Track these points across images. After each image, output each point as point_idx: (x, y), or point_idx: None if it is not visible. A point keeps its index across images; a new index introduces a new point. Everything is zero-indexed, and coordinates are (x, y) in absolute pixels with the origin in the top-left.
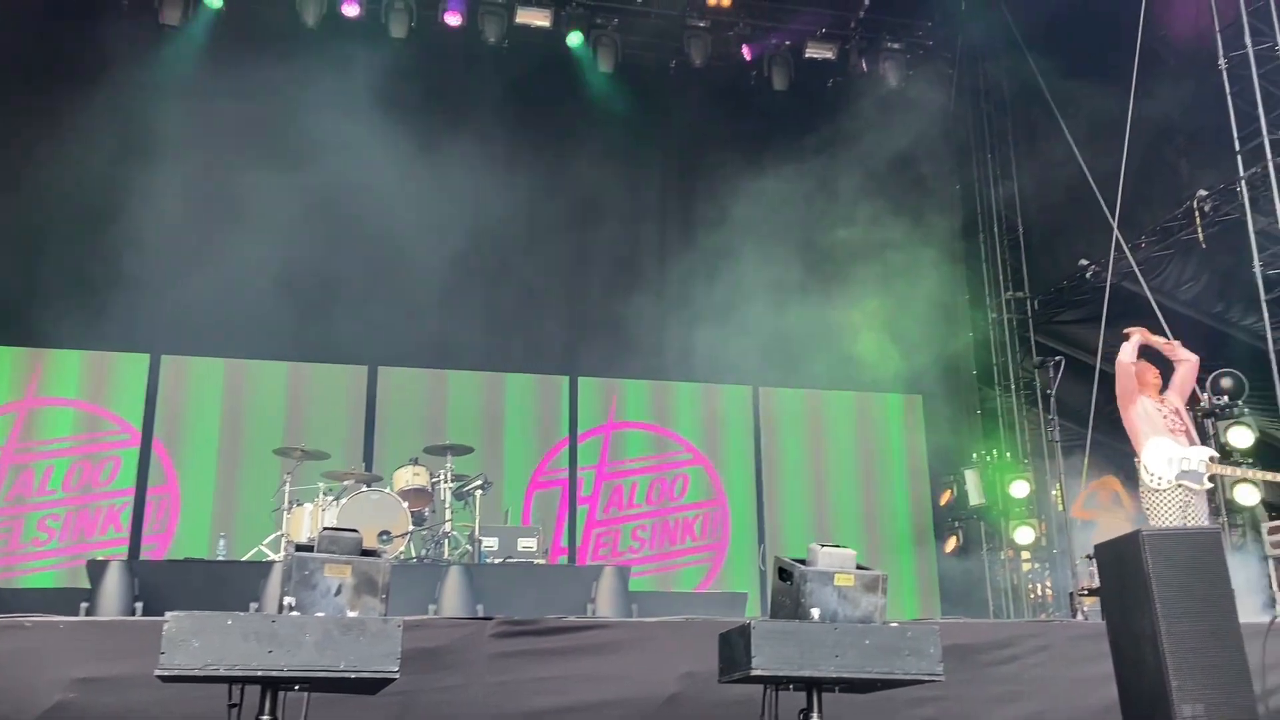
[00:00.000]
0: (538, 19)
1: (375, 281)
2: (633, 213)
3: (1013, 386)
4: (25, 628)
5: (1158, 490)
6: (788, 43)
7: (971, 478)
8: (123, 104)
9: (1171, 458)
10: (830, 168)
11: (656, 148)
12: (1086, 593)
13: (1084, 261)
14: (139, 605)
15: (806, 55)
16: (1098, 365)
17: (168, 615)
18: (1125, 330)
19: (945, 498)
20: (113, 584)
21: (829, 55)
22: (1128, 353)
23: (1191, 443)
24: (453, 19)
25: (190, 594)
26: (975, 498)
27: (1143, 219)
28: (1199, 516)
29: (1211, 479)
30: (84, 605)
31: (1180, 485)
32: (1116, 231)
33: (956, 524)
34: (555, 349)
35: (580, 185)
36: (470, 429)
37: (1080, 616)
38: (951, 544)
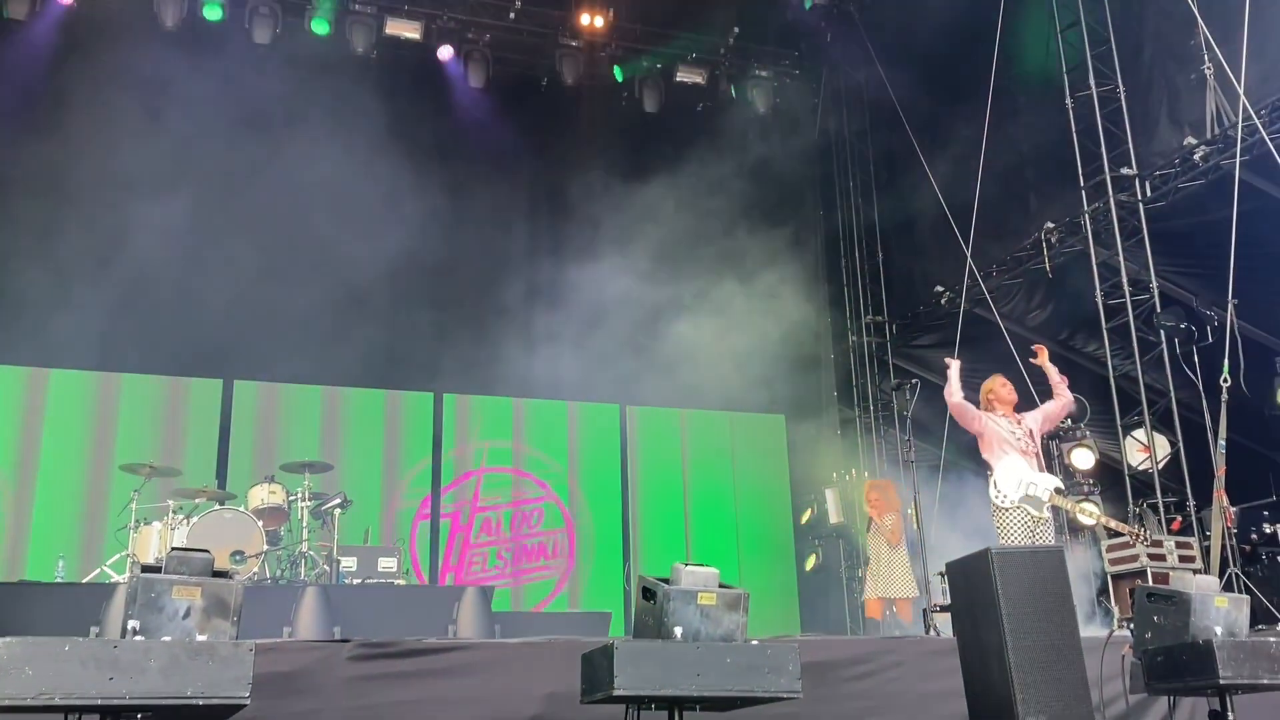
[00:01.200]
0: (408, 31)
1: (233, 294)
2: (502, 229)
3: (871, 407)
4: None
5: (1002, 508)
6: (659, 66)
7: (831, 496)
8: None
9: (1021, 479)
10: (698, 190)
11: (526, 165)
12: (938, 609)
13: (939, 288)
14: None
15: (677, 79)
16: None
17: None
18: (946, 359)
19: (806, 516)
20: None
21: (699, 80)
22: (953, 390)
23: (1040, 468)
24: (320, 27)
25: (24, 618)
26: (834, 516)
27: (994, 248)
28: (1046, 536)
29: (1054, 508)
30: None
31: (1021, 507)
32: (970, 259)
33: (816, 542)
34: (420, 365)
35: (449, 200)
36: (330, 446)
37: (932, 632)
38: (811, 562)
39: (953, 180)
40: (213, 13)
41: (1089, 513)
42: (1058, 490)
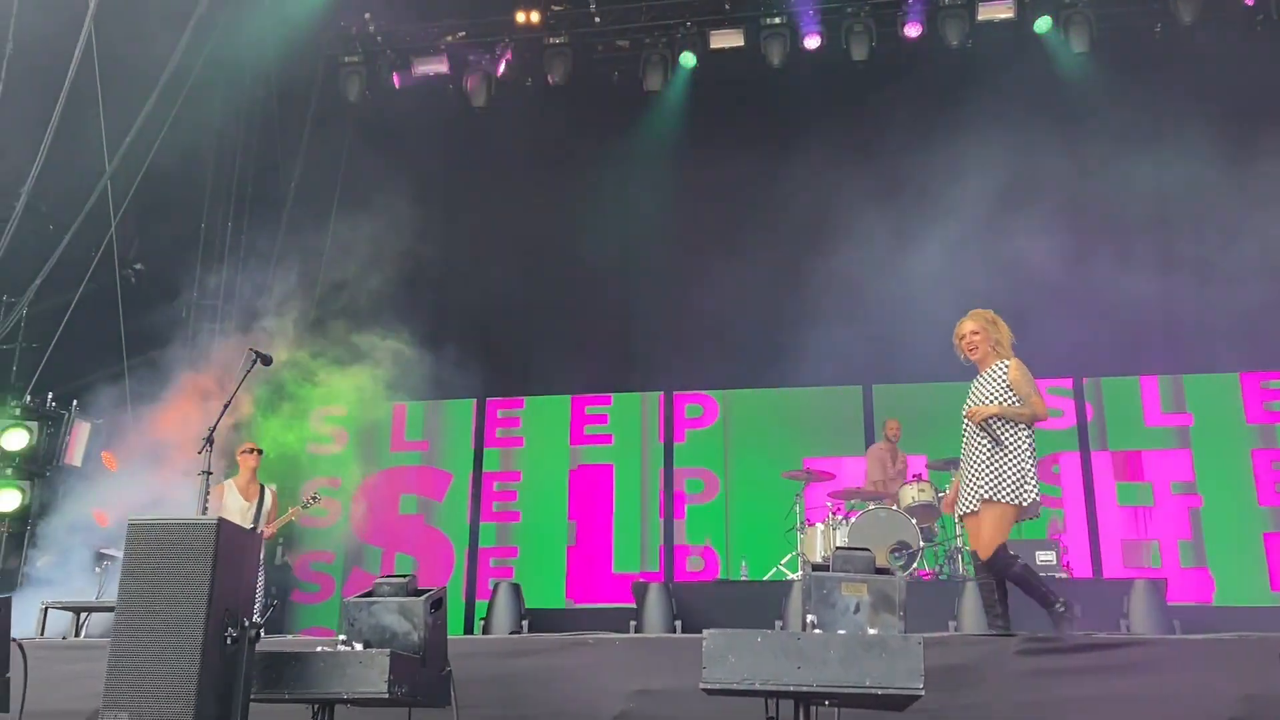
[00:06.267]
0: (1001, 12)
1: (896, 299)
2: (1151, 189)
3: None
4: (589, 644)
5: None
6: None
7: None
8: (613, 173)
9: None
10: None
11: (1153, 119)
12: None
13: None
14: (678, 623)
15: None
16: None
17: (706, 633)
18: None
19: None
20: (655, 603)
21: None
22: None
23: None
24: (913, 30)
25: (719, 612)
26: None
27: None
28: None
29: None
30: (632, 623)
31: None
32: None
33: None
34: (1062, 351)
35: (1079, 173)
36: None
37: None
38: None
39: None
40: (812, 41)
41: None
42: None
